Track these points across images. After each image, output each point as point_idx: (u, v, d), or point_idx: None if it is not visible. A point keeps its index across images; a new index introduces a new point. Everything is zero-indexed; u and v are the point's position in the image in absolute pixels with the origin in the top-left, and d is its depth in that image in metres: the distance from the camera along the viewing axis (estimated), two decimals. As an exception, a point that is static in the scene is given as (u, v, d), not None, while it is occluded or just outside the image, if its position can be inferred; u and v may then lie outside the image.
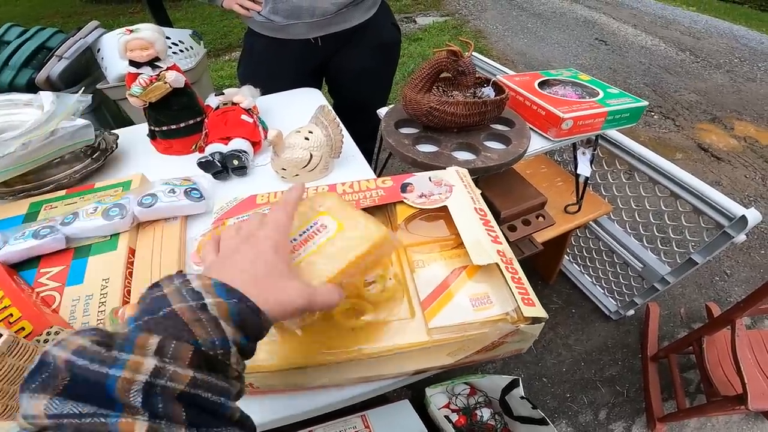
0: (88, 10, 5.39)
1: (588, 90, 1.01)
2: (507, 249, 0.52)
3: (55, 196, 0.76)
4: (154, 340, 0.24)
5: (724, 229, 0.99)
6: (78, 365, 0.22)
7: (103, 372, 0.22)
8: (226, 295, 0.28)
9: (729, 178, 2.22)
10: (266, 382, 0.47)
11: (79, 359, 0.22)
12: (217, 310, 0.27)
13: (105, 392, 0.22)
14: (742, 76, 3.24)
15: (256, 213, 0.40)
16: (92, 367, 0.22)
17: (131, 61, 0.79)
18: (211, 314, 0.27)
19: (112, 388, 0.22)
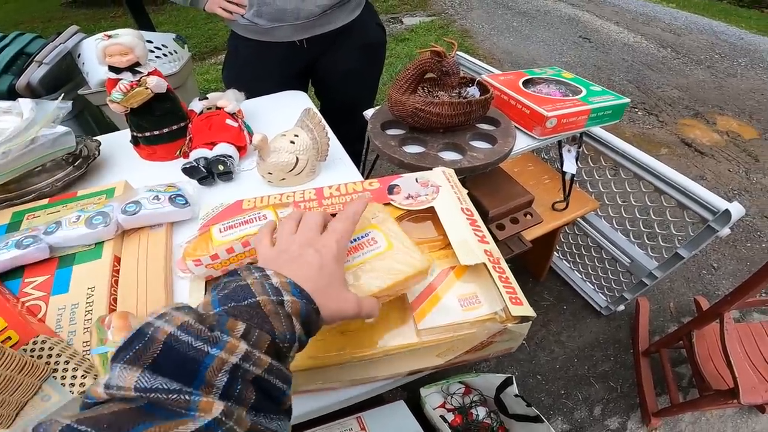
0: (69, 14, 5.31)
1: (571, 88, 1.02)
2: (494, 248, 0.52)
3: (38, 205, 0.75)
4: (241, 326, 0.26)
5: (709, 223, 1.00)
6: (181, 340, 0.24)
7: (205, 350, 0.24)
8: (299, 295, 0.31)
9: (713, 172, 2.26)
10: None
11: (183, 334, 0.24)
12: (292, 307, 0.30)
13: (198, 370, 0.23)
14: (723, 71, 3.30)
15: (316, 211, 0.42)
16: (196, 344, 0.24)
17: (111, 66, 0.77)
18: (287, 311, 0.30)
19: (206, 367, 0.23)
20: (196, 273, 0.52)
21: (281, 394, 0.27)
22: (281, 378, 0.27)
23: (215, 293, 0.30)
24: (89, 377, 0.48)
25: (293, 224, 0.40)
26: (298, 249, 0.36)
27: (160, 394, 0.22)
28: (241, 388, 0.25)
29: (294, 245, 0.37)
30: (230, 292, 0.29)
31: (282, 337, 0.28)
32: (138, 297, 0.59)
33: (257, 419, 0.25)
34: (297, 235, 0.39)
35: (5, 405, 0.43)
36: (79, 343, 0.53)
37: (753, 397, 0.97)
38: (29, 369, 0.45)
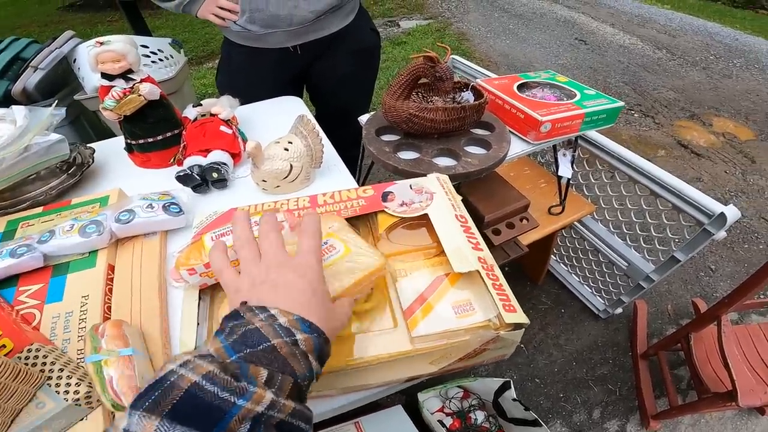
0: (65, 18, 5.31)
1: (566, 92, 1.02)
2: (488, 255, 0.52)
3: (32, 214, 0.74)
4: (264, 372, 0.26)
5: (704, 226, 1.00)
6: (207, 390, 0.23)
7: (232, 401, 0.23)
8: (309, 330, 0.30)
9: (709, 174, 2.26)
10: None
11: (208, 384, 0.24)
12: (306, 345, 0.30)
13: (222, 419, 0.23)
14: (718, 72, 3.31)
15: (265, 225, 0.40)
16: (222, 395, 0.23)
17: (103, 73, 0.77)
18: (302, 349, 0.29)
19: (231, 417, 0.23)
20: (190, 282, 0.52)
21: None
22: (303, 419, 0.27)
23: (223, 338, 0.29)
24: (83, 385, 0.48)
25: (252, 248, 0.38)
26: (276, 275, 0.34)
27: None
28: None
29: (271, 272, 0.35)
30: (241, 338, 0.29)
31: (302, 377, 0.28)
32: (132, 305, 0.60)
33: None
34: (265, 258, 0.36)
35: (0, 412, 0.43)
36: (74, 351, 0.54)
37: (751, 399, 0.97)
38: (24, 377, 0.45)
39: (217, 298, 0.55)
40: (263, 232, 0.39)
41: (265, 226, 0.40)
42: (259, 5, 1.03)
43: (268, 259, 0.36)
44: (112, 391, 0.45)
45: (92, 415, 0.48)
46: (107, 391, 0.45)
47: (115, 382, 0.46)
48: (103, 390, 0.46)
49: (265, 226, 0.40)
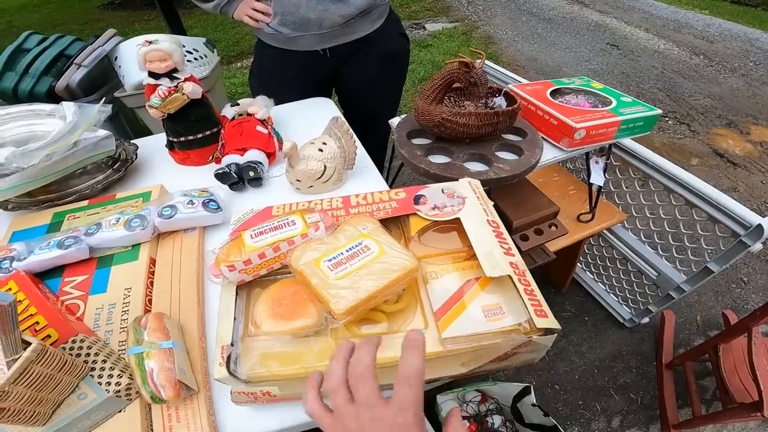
0: (104, 16, 5.52)
1: (601, 99, 1.01)
2: (520, 261, 0.52)
3: (78, 207, 0.78)
4: None
5: (740, 237, 0.97)
6: None
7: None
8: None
9: (746, 184, 2.19)
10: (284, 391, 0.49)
11: None
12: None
13: None
14: (758, 79, 3.19)
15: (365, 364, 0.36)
16: None
17: (150, 72, 0.80)
18: None
19: None
20: (230, 278, 0.54)
21: None
22: None
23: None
24: (125, 376, 0.49)
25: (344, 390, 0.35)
26: None
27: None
28: None
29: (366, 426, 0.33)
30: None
31: None
32: (171, 299, 0.62)
33: None
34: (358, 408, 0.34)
35: (42, 403, 0.44)
36: (116, 342, 0.56)
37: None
38: (69, 367, 0.47)
39: (253, 294, 0.56)
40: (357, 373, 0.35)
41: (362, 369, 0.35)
42: (291, 8, 1.05)
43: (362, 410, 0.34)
44: (152, 384, 0.47)
45: (130, 407, 0.50)
46: (147, 383, 0.47)
47: (156, 374, 0.47)
48: (143, 382, 0.47)
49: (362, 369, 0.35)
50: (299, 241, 0.55)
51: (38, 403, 0.44)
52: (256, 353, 0.48)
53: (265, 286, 0.55)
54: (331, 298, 0.45)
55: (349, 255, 0.50)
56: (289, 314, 0.50)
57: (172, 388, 0.47)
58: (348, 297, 0.45)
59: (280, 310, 0.50)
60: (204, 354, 0.56)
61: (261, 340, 0.50)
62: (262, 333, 0.50)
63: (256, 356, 0.48)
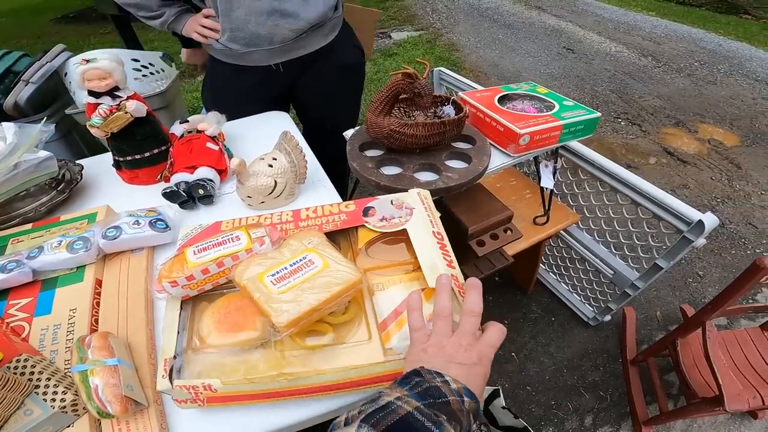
0: (59, 30, 5.32)
1: (546, 103, 1.05)
2: (459, 274, 0.54)
3: (22, 230, 0.76)
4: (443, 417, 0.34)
5: (684, 233, 1.02)
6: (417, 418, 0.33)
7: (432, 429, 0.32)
8: (471, 396, 0.38)
9: (696, 181, 2.29)
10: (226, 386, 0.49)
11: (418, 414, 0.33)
12: (470, 406, 0.37)
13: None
14: (703, 79, 3.36)
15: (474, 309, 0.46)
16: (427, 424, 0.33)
17: (90, 90, 0.78)
18: (467, 408, 0.37)
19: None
20: (173, 293, 0.54)
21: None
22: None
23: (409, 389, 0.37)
24: (69, 393, 0.50)
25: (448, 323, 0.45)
26: (464, 358, 0.42)
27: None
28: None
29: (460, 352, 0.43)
30: (425, 391, 0.36)
31: (466, 428, 0.36)
32: (119, 318, 0.62)
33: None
34: (458, 338, 0.44)
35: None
36: (62, 361, 0.56)
37: (738, 404, 0.97)
38: (12, 385, 0.48)
39: (198, 308, 0.56)
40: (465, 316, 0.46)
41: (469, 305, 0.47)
42: (239, 24, 1.04)
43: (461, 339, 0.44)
44: (98, 400, 0.47)
45: (78, 423, 0.50)
46: (93, 399, 0.47)
47: (101, 390, 0.48)
48: (88, 398, 0.48)
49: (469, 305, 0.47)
50: (244, 256, 0.55)
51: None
52: (199, 364, 0.49)
53: (212, 300, 0.56)
54: (273, 312, 0.46)
55: (293, 269, 0.50)
56: (235, 327, 0.50)
57: (119, 403, 0.48)
58: (290, 310, 0.46)
59: (226, 324, 0.51)
60: (154, 370, 0.57)
61: (206, 353, 0.50)
62: (208, 346, 0.51)
63: (200, 367, 0.49)
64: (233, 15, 1.03)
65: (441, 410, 0.34)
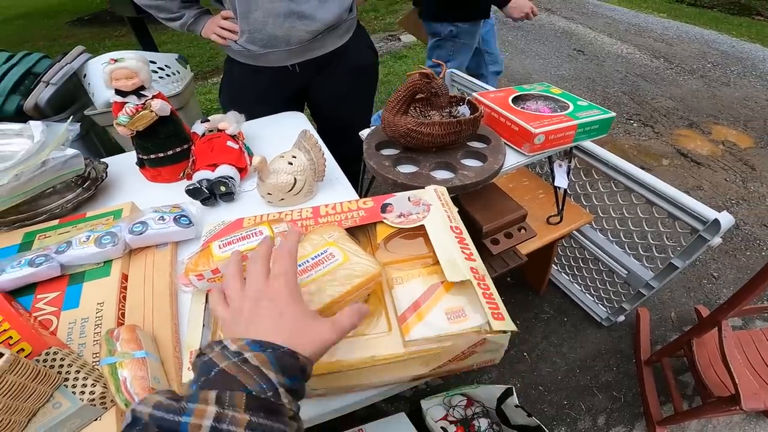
0: (74, 32, 5.42)
1: (560, 103, 1.05)
2: (480, 266, 0.55)
3: (49, 226, 0.78)
4: (213, 393, 0.29)
5: (699, 233, 1.02)
6: (156, 416, 0.28)
7: (177, 420, 0.27)
8: (259, 348, 0.33)
9: (710, 182, 2.27)
10: None
11: (157, 411, 0.28)
12: (257, 360, 0.32)
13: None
14: (716, 80, 3.33)
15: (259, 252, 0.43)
16: (168, 417, 0.28)
17: (117, 89, 0.81)
18: (253, 364, 0.32)
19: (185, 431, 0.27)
20: (199, 287, 0.56)
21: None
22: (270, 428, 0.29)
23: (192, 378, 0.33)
24: (98, 386, 0.51)
25: (238, 280, 0.41)
26: (251, 306, 0.38)
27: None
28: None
29: (246, 303, 0.39)
30: (199, 370, 0.33)
31: (258, 389, 0.30)
32: (145, 311, 0.63)
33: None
34: (246, 290, 0.40)
35: (18, 412, 0.46)
36: (89, 354, 0.57)
37: (755, 402, 0.96)
38: (42, 377, 0.48)
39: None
40: (250, 262, 0.42)
41: (253, 255, 0.43)
42: (257, 26, 1.07)
43: (247, 291, 0.40)
44: (126, 392, 0.48)
45: (106, 416, 0.51)
46: (122, 391, 0.48)
47: (129, 383, 0.49)
48: (117, 390, 0.48)
49: (253, 255, 0.43)
50: None
51: (13, 412, 0.45)
52: None
53: None
54: None
55: (315, 262, 0.52)
56: None
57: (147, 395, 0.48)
58: (313, 301, 0.47)
59: None
60: (179, 364, 0.58)
61: None
62: None
63: None
64: (251, 17, 1.05)
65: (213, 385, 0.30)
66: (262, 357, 0.32)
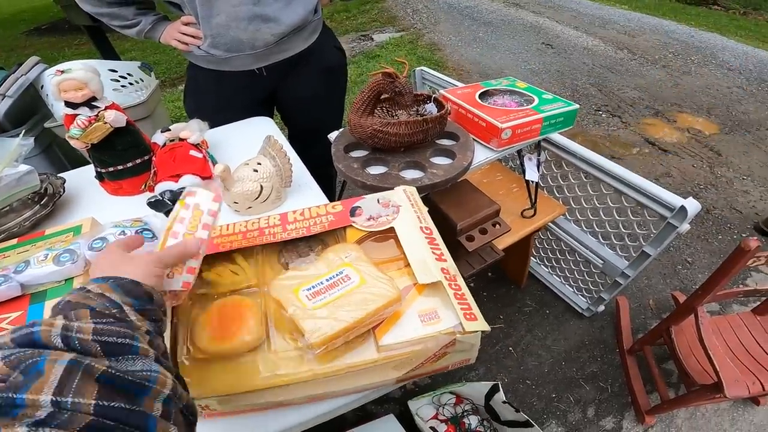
0: (31, 42, 5.24)
1: (526, 97, 1.06)
2: (451, 265, 0.54)
3: (7, 246, 0.76)
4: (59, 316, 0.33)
5: (668, 220, 1.04)
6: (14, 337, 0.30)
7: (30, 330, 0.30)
8: (101, 280, 0.38)
9: (678, 169, 2.33)
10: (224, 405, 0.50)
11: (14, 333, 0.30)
12: (99, 288, 0.36)
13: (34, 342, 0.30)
14: (678, 69, 3.43)
15: None
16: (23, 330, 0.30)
17: (67, 101, 0.77)
18: (96, 292, 0.36)
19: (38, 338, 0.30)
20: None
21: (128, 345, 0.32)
22: (117, 334, 0.32)
23: None
24: None
25: None
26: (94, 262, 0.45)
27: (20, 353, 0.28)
28: (78, 343, 0.30)
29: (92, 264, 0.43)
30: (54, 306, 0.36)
31: (101, 306, 0.35)
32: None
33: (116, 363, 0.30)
34: None
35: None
36: None
37: (738, 390, 0.97)
38: None
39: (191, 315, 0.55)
40: None
41: None
42: (221, 30, 1.04)
43: None
44: None
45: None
46: None
47: None
48: None
49: None
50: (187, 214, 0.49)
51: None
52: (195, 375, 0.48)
53: (204, 306, 0.55)
54: (308, 330, 0.46)
55: (329, 284, 0.50)
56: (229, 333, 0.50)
57: None
58: (324, 328, 0.45)
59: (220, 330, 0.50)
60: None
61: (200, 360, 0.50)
62: (201, 354, 0.50)
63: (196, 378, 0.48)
64: (214, 21, 1.02)
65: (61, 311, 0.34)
66: (105, 286, 0.37)
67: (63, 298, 0.36)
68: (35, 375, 0.27)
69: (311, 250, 0.63)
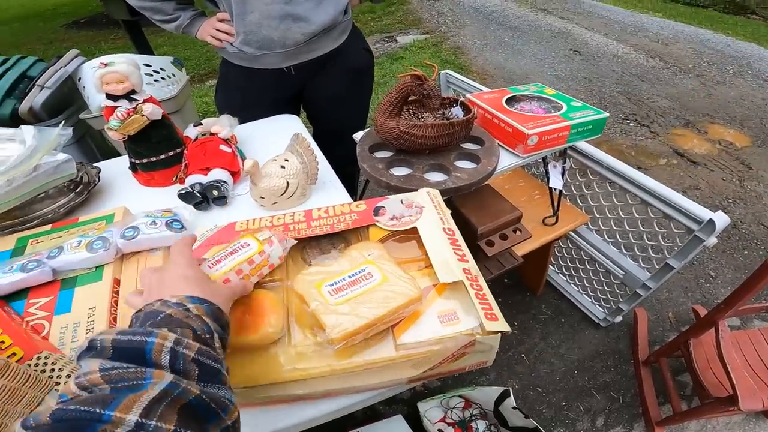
0: (69, 36, 5.42)
1: (553, 104, 1.05)
2: (473, 266, 0.54)
3: (41, 231, 0.78)
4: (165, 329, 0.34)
5: (695, 233, 1.02)
6: (122, 340, 0.32)
7: (144, 340, 0.32)
8: (198, 301, 0.39)
9: (706, 182, 2.27)
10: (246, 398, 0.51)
11: (122, 336, 0.32)
12: (197, 311, 0.38)
13: (144, 354, 0.31)
14: (711, 79, 3.34)
15: None
16: (135, 338, 0.32)
17: (108, 93, 0.81)
18: (195, 313, 0.37)
19: (149, 351, 0.31)
20: None
21: (218, 372, 0.35)
22: (213, 359, 0.34)
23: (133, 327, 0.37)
24: None
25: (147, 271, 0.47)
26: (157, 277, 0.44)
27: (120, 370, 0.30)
28: (183, 364, 0.32)
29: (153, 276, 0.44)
30: (144, 317, 0.37)
31: (201, 330, 0.36)
32: (136, 317, 0.63)
33: (205, 388, 0.32)
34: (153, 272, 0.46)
35: (9, 415, 0.46)
36: None
37: (753, 403, 0.96)
38: (33, 382, 0.49)
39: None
40: None
41: None
42: (253, 28, 1.07)
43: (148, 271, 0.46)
44: None
45: None
46: None
47: None
48: None
49: None
50: (258, 259, 0.56)
51: (4, 416, 0.45)
52: None
53: None
54: (329, 325, 0.47)
55: (351, 281, 0.51)
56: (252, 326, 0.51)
57: None
58: (345, 323, 0.47)
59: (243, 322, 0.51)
60: None
61: None
62: None
63: None
64: (247, 19, 1.05)
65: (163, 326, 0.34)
66: (201, 308, 0.38)
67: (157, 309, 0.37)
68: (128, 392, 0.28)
69: (334, 248, 0.64)
